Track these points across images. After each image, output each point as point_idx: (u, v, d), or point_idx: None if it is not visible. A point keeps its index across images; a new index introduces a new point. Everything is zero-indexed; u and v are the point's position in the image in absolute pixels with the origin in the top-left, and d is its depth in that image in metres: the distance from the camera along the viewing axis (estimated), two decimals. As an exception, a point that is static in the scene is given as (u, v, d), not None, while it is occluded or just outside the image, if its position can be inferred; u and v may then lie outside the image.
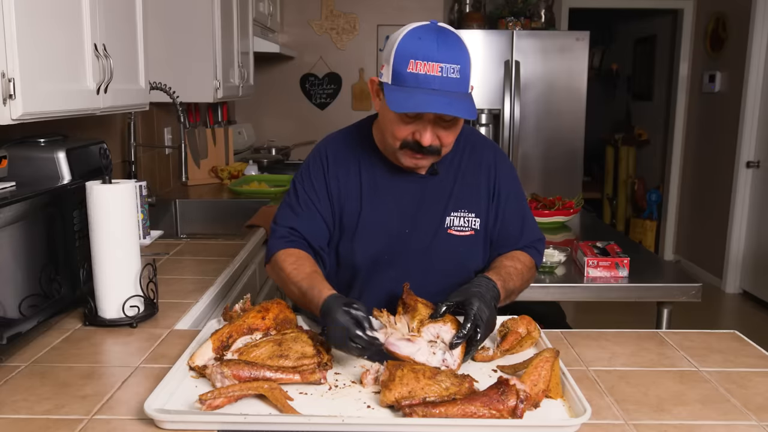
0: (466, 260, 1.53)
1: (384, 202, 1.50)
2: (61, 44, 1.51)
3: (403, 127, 1.37)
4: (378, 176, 1.51)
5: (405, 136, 1.38)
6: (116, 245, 1.42)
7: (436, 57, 1.29)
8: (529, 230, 1.59)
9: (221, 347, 1.21)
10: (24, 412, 1.07)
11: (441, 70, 1.29)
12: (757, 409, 1.10)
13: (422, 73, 1.29)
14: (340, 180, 1.51)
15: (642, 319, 2.46)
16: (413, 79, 1.29)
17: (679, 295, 2.06)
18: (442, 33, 1.32)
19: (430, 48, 1.29)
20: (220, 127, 3.87)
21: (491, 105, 4.76)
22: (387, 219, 1.49)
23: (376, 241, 1.49)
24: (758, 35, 4.63)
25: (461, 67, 1.31)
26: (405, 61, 1.29)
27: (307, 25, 4.96)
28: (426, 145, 1.36)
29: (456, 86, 1.31)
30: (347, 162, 1.52)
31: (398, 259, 1.50)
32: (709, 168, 5.28)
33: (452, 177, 1.53)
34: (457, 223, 1.51)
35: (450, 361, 1.19)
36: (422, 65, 1.28)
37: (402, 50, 1.30)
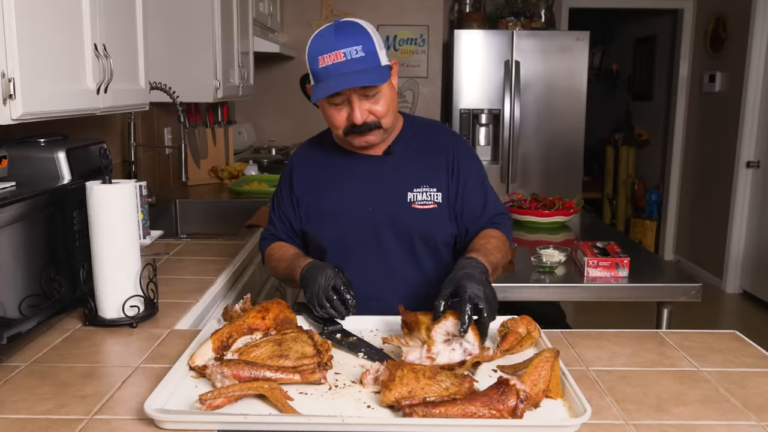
0: (433, 233, 1.60)
1: (345, 186, 1.61)
2: (61, 44, 1.51)
3: (337, 115, 1.50)
4: (339, 166, 1.64)
5: (342, 124, 1.51)
6: (116, 245, 1.42)
7: (337, 45, 1.44)
8: (492, 205, 1.66)
9: (221, 347, 1.21)
10: (24, 412, 1.07)
11: (344, 55, 1.44)
12: (757, 409, 1.10)
13: (330, 64, 1.44)
14: (304, 179, 1.66)
15: (642, 319, 2.46)
16: (325, 72, 1.44)
17: (679, 295, 2.06)
18: (339, 25, 1.48)
19: (330, 40, 1.45)
20: (220, 127, 3.87)
21: (491, 105, 4.76)
22: (349, 200, 1.60)
23: (342, 221, 1.60)
24: (758, 35, 4.63)
25: (363, 46, 1.45)
26: (315, 59, 1.46)
27: (307, 25, 4.96)
28: (359, 123, 1.48)
29: (364, 63, 1.44)
30: (311, 161, 1.68)
31: (367, 237, 1.59)
32: (709, 168, 5.28)
33: (409, 156, 1.62)
34: (419, 198, 1.59)
35: (470, 348, 1.20)
36: (327, 57, 1.44)
37: (310, 52, 1.47)
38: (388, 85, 1.50)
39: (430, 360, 1.20)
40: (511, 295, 2.06)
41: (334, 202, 1.60)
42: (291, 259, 1.58)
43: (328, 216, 1.60)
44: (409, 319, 1.28)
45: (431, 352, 1.21)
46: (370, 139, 1.54)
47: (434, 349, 1.21)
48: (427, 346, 1.21)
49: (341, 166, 1.63)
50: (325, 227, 1.61)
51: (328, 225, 1.60)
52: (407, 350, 1.23)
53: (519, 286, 2.07)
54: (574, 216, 2.93)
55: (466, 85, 4.74)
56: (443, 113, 5.13)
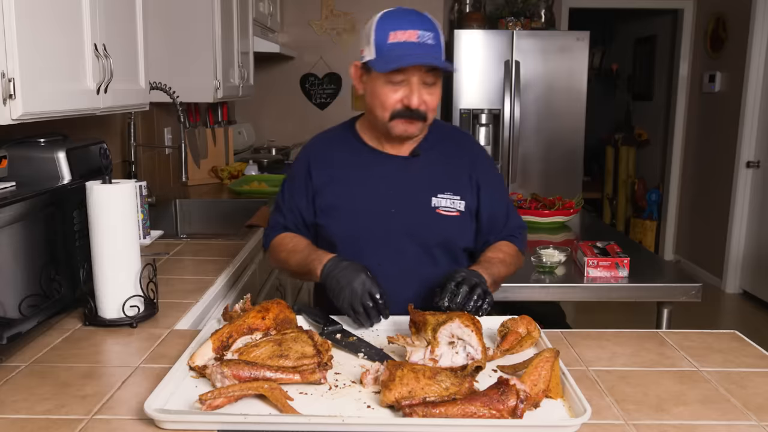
0: (455, 239, 1.61)
1: (368, 184, 1.58)
2: (61, 44, 1.51)
3: (391, 95, 1.47)
4: (362, 163, 1.60)
5: (394, 104, 1.48)
6: (116, 245, 1.42)
7: (413, 26, 1.44)
8: (513, 218, 1.70)
9: (221, 347, 1.21)
10: (24, 412, 1.07)
11: (419, 37, 1.43)
12: (757, 409, 1.10)
13: (402, 41, 1.43)
14: (325, 172, 1.61)
15: (642, 319, 2.46)
16: (395, 47, 1.43)
17: (679, 295, 2.06)
18: (412, 10, 1.49)
19: (405, 20, 1.45)
20: (220, 127, 3.87)
21: (491, 105, 4.76)
22: (371, 200, 1.57)
23: (362, 219, 1.57)
24: (758, 35, 4.63)
25: (434, 35, 1.46)
26: (385, 34, 1.44)
27: (307, 25, 4.96)
28: (415, 107, 1.47)
29: (433, 51, 1.45)
30: (331, 155, 1.63)
31: (387, 238, 1.56)
32: (709, 168, 5.28)
33: (434, 161, 1.61)
34: (444, 204, 1.58)
35: (473, 353, 1.20)
36: (401, 34, 1.43)
37: (380, 27, 1.45)
38: (440, 83, 1.51)
39: (432, 362, 1.20)
40: (511, 295, 2.06)
41: (356, 198, 1.57)
42: (306, 251, 1.54)
43: (348, 212, 1.57)
44: (417, 318, 1.29)
45: (434, 354, 1.21)
46: (412, 130, 1.52)
47: (438, 351, 1.21)
48: (431, 347, 1.21)
49: (366, 163, 1.60)
50: (342, 223, 1.57)
51: (347, 221, 1.57)
52: (411, 350, 1.23)
53: (519, 286, 2.07)
54: (574, 216, 2.93)
55: (466, 85, 4.74)
56: (443, 113, 5.12)
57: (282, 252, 1.61)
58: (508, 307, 2.22)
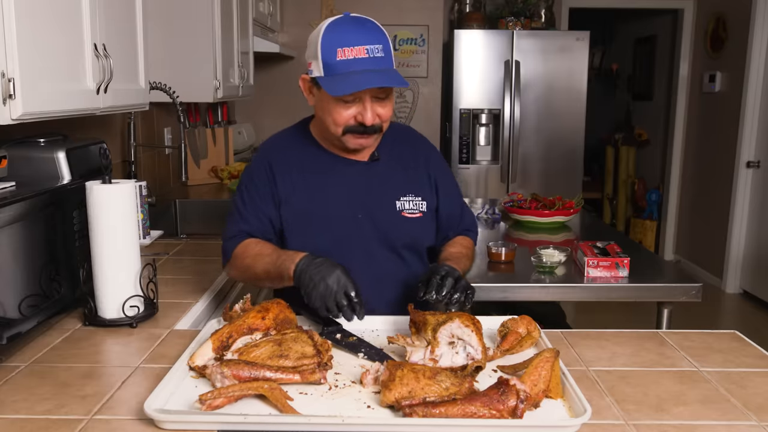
0: (421, 239, 1.64)
1: (332, 191, 1.56)
2: (61, 44, 1.51)
3: (344, 112, 1.44)
4: (321, 169, 1.58)
5: (346, 122, 1.45)
6: (116, 245, 1.42)
7: (359, 41, 1.39)
8: (467, 213, 1.76)
9: (221, 347, 1.21)
10: (24, 412, 1.07)
11: (367, 52, 1.39)
12: (757, 409, 1.10)
13: (351, 58, 1.38)
14: (285, 179, 1.56)
15: (642, 319, 2.46)
16: (344, 66, 1.38)
17: (679, 295, 2.06)
18: (357, 20, 1.44)
19: (351, 34, 1.40)
20: (220, 127, 3.87)
21: (491, 105, 4.76)
22: (338, 206, 1.56)
23: (331, 228, 1.55)
24: (758, 35, 4.63)
25: (383, 47, 1.42)
26: (332, 51, 1.39)
27: (307, 25, 4.96)
28: (370, 125, 1.45)
29: (383, 63, 1.41)
30: (290, 161, 1.58)
31: (357, 243, 1.56)
32: (709, 168, 5.28)
33: (394, 164, 1.62)
34: (407, 206, 1.60)
35: (473, 353, 1.20)
36: (349, 51, 1.38)
37: (326, 42, 1.40)
38: (393, 92, 1.50)
39: (432, 362, 1.20)
40: (511, 295, 2.05)
41: (322, 206, 1.54)
42: (275, 254, 1.45)
43: (315, 220, 1.54)
44: (417, 318, 1.29)
45: (435, 354, 1.21)
46: (367, 143, 1.51)
47: (438, 351, 1.21)
48: (431, 347, 1.21)
49: (326, 169, 1.57)
50: (310, 231, 1.53)
51: (314, 229, 1.53)
52: (412, 350, 1.23)
53: (519, 286, 2.07)
54: (574, 216, 2.92)
55: (466, 85, 4.74)
56: (443, 113, 5.12)
57: (246, 258, 1.50)
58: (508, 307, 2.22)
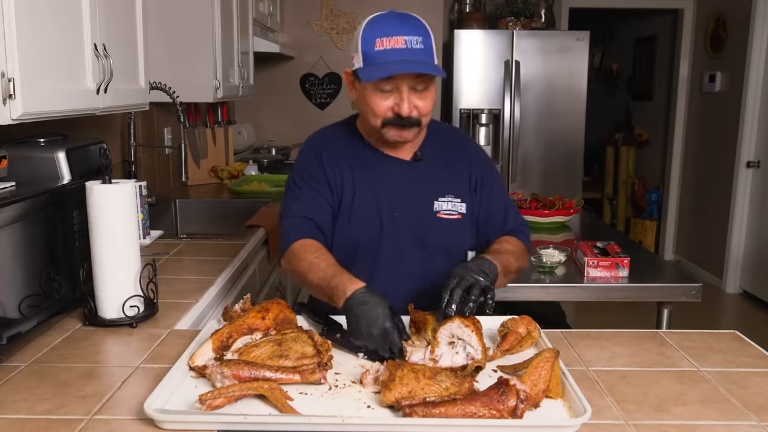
0: (456, 243, 1.60)
1: (372, 188, 1.56)
2: (61, 44, 1.51)
3: (381, 103, 1.45)
4: (365, 165, 1.58)
5: (384, 113, 1.46)
6: (116, 245, 1.42)
7: (399, 32, 1.40)
8: (513, 216, 1.67)
9: (221, 347, 1.21)
10: (24, 412, 1.07)
11: (405, 43, 1.40)
12: (757, 409, 1.10)
13: (389, 48, 1.40)
14: (334, 167, 1.58)
15: (642, 319, 2.46)
16: (382, 55, 1.40)
17: (679, 295, 2.06)
18: (400, 14, 1.45)
19: (392, 26, 1.42)
20: (220, 127, 3.87)
21: (491, 105, 4.76)
22: (375, 204, 1.56)
23: (367, 225, 1.55)
24: (758, 35, 4.63)
25: (423, 39, 1.42)
26: (372, 41, 1.41)
27: (307, 25, 4.96)
28: (406, 116, 1.44)
29: (422, 55, 1.41)
30: (336, 154, 1.59)
31: (390, 241, 1.56)
32: (709, 168, 5.28)
33: (435, 164, 1.60)
34: (445, 208, 1.58)
35: (473, 353, 1.20)
36: (387, 41, 1.40)
37: (367, 35, 1.42)
38: (434, 88, 1.49)
39: (432, 362, 1.20)
40: (511, 295, 2.05)
41: (361, 201, 1.56)
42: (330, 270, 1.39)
43: (354, 214, 1.55)
44: (417, 318, 1.29)
45: (435, 353, 1.21)
46: (407, 135, 1.49)
47: (438, 351, 1.21)
48: (431, 347, 1.21)
49: (370, 165, 1.58)
50: (347, 224, 1.55)
51: (352, 223, 1.54)
52: (412, 350, 1.23)
53: (519, 286, 2.07)
54: (574, 216, 2.93)
55: (466, 85, 4.74)
56: (443, 113, 5.12)
57: (304, 261, 1.46)
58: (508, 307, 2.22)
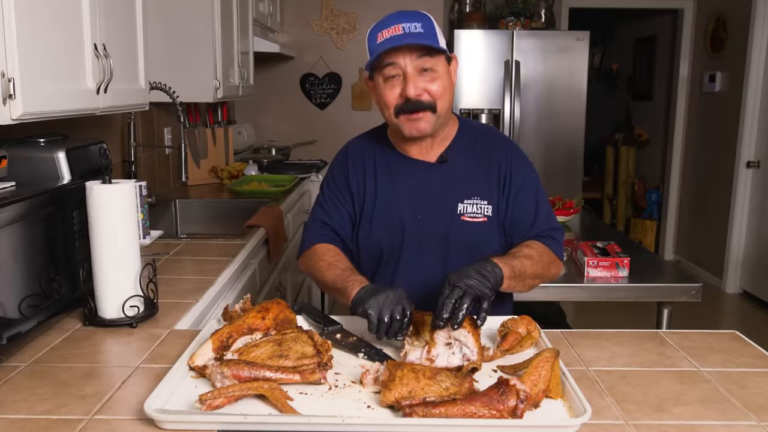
0: (480, 246, 1.54)
1: (396, 190, 1.57)
2: (61, 44, 1.51)
3: (390, 92, 1.46)
4: (392, 167, 1.60)
5: (395, 100, 1.46)
6: (116, 245, 1.42)
7: (397, 21, 1.43)
8: (543, 219, 1.57)
9: (221, 347, 1.21)
10: (24, 412, 1.07)
11: (403, 29, 1.42)
12: (757, 409, 1.10)
13: (388, 37, 1.42)
14: (358, 175, 1.61)
15: (642, 319, 2.46)
16: (382, 44, 1.43)
17: (679, 295, 2.06)
18: (404, 11, 1.48)
19: (391, 18, 1.45)
20: (220, 127, 3.87)
21: (491, 105, 4.76)
22: (399, 206, 1.56)
23: (389, 227, 1.56)
24: (758, 35, 4.63)
25: (423, 24, 1.43)
26: (374, 37, 1.45)
27: (307, 25, 4.96)
28: (412, 96, 1.44)
29: (419, 38, 1.42)
30: (364, 158, 1.63)
31: (413, 244, 1.55)
32: (709, 168, 5.28)
33: (463, 165, 1.58)
34: (469, 210, 1.55)
35: (469, 354, 1.20)
36: (387, 31, 1.43)
37: (371, 34, 1.47)
38: (445, 70, 1.48)
39: (429, 362, 1.20)
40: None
41: (384, 204, 1.56)
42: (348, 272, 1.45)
43: (376, 217, 1.56)
44: (415, 319, 1.29)
45: (431, 354, 1.21)
46: (422, 126, 1.46)
47: (434, 351, 1.21)
48: (428, 347, 1.21)
49: (394, 169, 1.58)
50: (370, 228, 1.56)
51: (377, 230, 1.56)
52: (409, 349, 1.23)
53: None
54: (574, 216, 2.93)
55: (466, 85, 4.74)
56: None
57: (321, 261, 1.52)
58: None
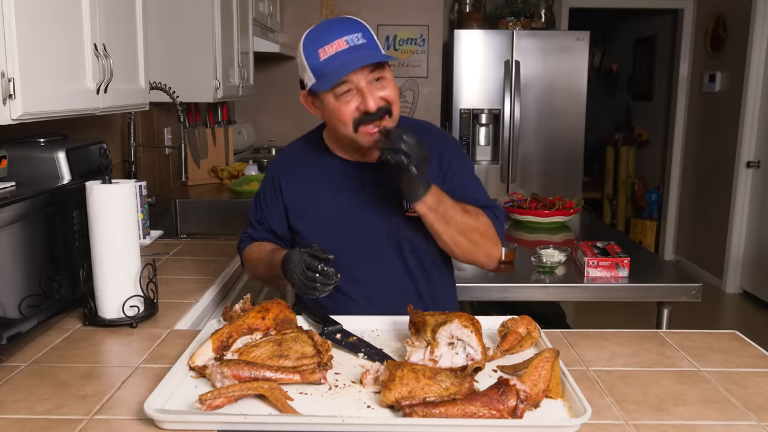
0: (426, 240, 1.56)
1: (341, 194, 1.57)
2: (61, 44, 1.51)
3: (345, 108, 1.42)
4: (332, 173, 1.58)
5: (352, 116, 1.42)
6: (116, 245, 1.42)
7: (336, 35, 1.39)
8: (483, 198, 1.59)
9: (221, 347, 1.21)
10: (24, 412, 1.07)
11: (347, 42, 1.39)
12: (757, 409, 1.10)
13: (333, 53, 1.38)
14: (292, 188, 1.60)
15: (642, 319, 2.46)
16: (329, 62, 1.39)
17: (679, 295, 2.06)
18: (332, 19, 1.46)
19: (328, 32, 1.41)
20: (220, 127, 3.87)
21: (491, 105, 4.76)
22: (347, 208, 1.56)
23: (341, 230, 1.56)
24: (758, 35, 4.63)
25: (363, 34, 1.41)
26: (315, 54, 1.40)
27: (307, 25, 4.90)
28: (373, 110, 1.41)
29: (367, 49, 1.40)
30: (298, 170, 1.62)
31: (367, 243, 1.56)
32: (709, 168, 5.28)
33: None
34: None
35: (473, 353, 1.20)
36: (329, 47, 1.39)
37: (308, 50, 1.42)
38: (390, 74, 1.47)
39: (432, 362, 1.20)
40: (511, 295, 2.06)
41: (328, 210, 1.57)
42: (269, 257, 1.55)
43: (322, 225, 1.57)
44: (416, 319, 1.29)
45: (434, 354, 1.21)
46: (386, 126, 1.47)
47: (437, 352, 1.21)
48: (431, 348, 1.21)
49: (335, 174, 1.58)
50: (320, 235, 1.55)
51: (325, 235, 1.55)
52: (411, 350, 1.23)
53: (519, 286, 2.07)
54: (574, 216, 2.93)
55: (466, 85, 4.74)
56: (443, 113, 5.12)
57: (251, 262, 1.65)
58: (508, 307, 2.22)
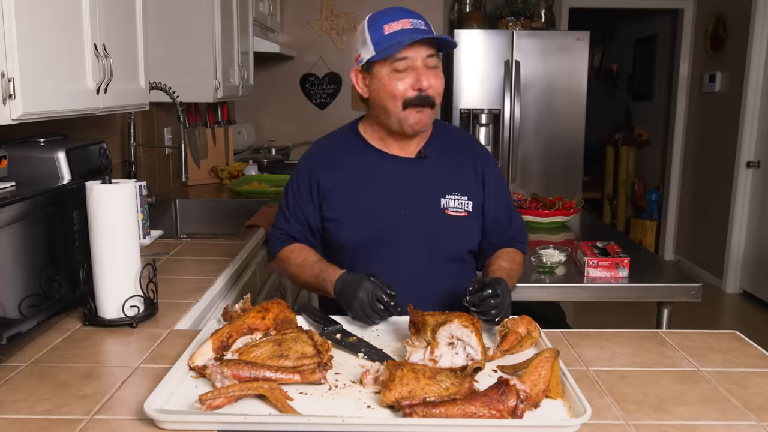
0: (461, 240, 1.61)
1: (377, 187, 1.58)
2: (61, 44, 1.51)
3: (400, 84, 1.49)
4: (369, 165, 1.60)
5: (405, 92, 1.49)
6: (116, 245, 1.42)
7: (403, 16, 1.48)
8: (516, 218, 1.72)
9: (221, 347, 1.21)
10: (24, 412, 1.07)
11: (412, 24, 1.47)
12: (757, 409, 1.10)
13: (398, 29, 1.46)
14: (331, 177, 1.61)
15: (642, 319, 2.46)
16: (394, 36, 1.46)
17: (679, 295, 2.06)
18: (399, 7, 1.53)
19: (395, 11, 1.50)
20: (220, 127, 3.87)
21: (491, 105, 4.76)
22: (381, 203, 1.57)
23: (372, 224, 1.57)
24: (758, 35, 4.63)
25: (425, 23, 1.50)
26: (380, 28, 1.47)
27: (307, 25, 4.96)
28: (425, 88, 1.48)
29: (429, 34, 1.48)
30: (335, 160, 1.63)
31: (396, 240, 1.57)
32: (709, 168, 5.28)
33: (441, 161, 1.61)
34: (452, 205, 1.59)
35: (473, 353, 1.20)
36: (395, 24, 1.47)
37: (373, 26, 1.49)
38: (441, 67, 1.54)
39: (432, 362, 1.20)
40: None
41: (365, 202, 1.57)
42: (316, 269, 1.54)
43: (357, 216, 1.57)
44: (416, 319, 1.29)
45: (434, 354, 1.21)
46: (425, 120, 1.53)
47: (437, 352, 1.21)
48: (431, 348, 1.21)
49: (373, 165, 1.60)
50: (351, 228, 1.57)
51: (356, 226, 1.57)
52: (411, 350, 1.23)
53: (519, 286, 2.05)
54: (574, 216, 2.92)
55: (466, 85, 4.74)
56: (443, 113, 5.12)
57: (290, 266, 1.62)
58: (508, 307, 2.21)
